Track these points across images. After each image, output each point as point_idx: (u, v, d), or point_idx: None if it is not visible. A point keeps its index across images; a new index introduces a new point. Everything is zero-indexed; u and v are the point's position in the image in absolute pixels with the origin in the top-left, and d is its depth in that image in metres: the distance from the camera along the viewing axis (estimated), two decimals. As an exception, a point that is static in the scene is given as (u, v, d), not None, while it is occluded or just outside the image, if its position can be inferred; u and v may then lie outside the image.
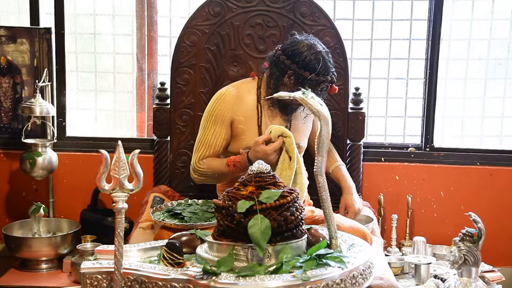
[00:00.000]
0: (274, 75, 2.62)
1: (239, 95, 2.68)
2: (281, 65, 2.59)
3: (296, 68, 2.56)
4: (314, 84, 2.55)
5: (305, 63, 2.55)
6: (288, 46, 2.61)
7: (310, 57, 2.55)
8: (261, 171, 1.93)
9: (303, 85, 2.53)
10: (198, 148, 2.70)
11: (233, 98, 2.67)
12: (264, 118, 2.69)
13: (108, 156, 1.70)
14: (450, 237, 2.79)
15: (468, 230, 2.49)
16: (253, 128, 2.67)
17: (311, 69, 2.54)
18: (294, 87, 2.55)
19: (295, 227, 1.86)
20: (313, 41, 2.61)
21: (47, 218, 3.31)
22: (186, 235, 2.05)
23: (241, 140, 2.68)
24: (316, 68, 2.53)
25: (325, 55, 2.58)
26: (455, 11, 3.45)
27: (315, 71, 2.54)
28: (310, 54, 2.55)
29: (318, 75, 2.55)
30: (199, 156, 2.68)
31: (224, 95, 2.69)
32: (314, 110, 1.91)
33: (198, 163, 2.68)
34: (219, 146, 2.67)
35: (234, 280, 1.69)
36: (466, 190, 3.39)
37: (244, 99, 2.68)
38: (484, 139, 3.54)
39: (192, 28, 3.11)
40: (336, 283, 1.74)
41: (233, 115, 2.66)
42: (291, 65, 2.56)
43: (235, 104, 2.66)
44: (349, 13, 3.44)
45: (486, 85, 3.51)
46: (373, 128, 3.53)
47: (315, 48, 2.57)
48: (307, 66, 2.55)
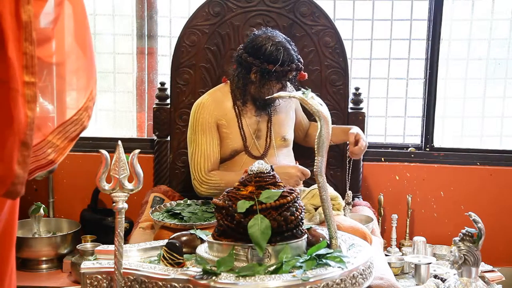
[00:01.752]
0: (241, 74, 2.64)
1: (215, 100, 2.71)
2: (245, 63, 2.61)
3: (259, 63, 2.56)
4: (281, 75, 2.56)
5: (267, 56, 2.55)
6: (248, 43, 2.63)
7: (270, 49, 2.54)
8: (261, 171, 1.93)
9: (270, 79, 2.56)
10: (197, 161, 2.67)
11: (211, 104, 2.69)
12: (243, 119, 2.71)
13: (108, 156, 1.70)
14: (450, 237, 2.79)
15: (468, 230, 2.49)
16: (235, 131, 2.70)
17: (274, 61, 2.54)
18: (261, 82, 2.57)
19: (295, 227, 1.86)
20: (271, 33, 2.61)
21: (47, 218, 3.30)
22: (186, 235, 2.05)
23: (226, 144, 2.70)
24: (278, 59, 2.53)
25: (285, 44, 2.57)
26: (455, 11, 3.45)
27: (279, 62, 2.53)
28: (270, 46, 2.55)
29: (282, 65, 2.54)
30: (205, 169, 2.66)
31: (202, 104, 2.71)
32: (314, 110, 1.91)
33: (208, 176, 2.65)
34: (217, 153, 2.68)
35: (234, 280, 1.69)
36: (466, 190, 3.39)
37: (221, 104, 2.71)
38: (484, 139, 3.54)
39: (192, 28, 3.11)
40: (336, 283, 1.74)
41: (216, 120, 2.68)
42: (254, 61, 2.57)
43: (214, 109, 2.69)
44: (349, 13, 3.44)
45: (486, 85, 3.51)
46: (373, 128, 3.52)
47: (274, 39, 2.57)
48: (269, 59, 2.55)
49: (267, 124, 2.76)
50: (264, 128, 2.75)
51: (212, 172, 2.66)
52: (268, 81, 2.58)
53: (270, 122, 2.75)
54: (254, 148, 2.73)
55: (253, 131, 2.73)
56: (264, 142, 2.75)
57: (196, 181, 2.69)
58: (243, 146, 2.71)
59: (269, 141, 2.75)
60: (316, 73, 3.11)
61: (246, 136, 2.71)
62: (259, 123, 2.73)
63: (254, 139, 2.73)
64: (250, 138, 2.72)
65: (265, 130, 2.76)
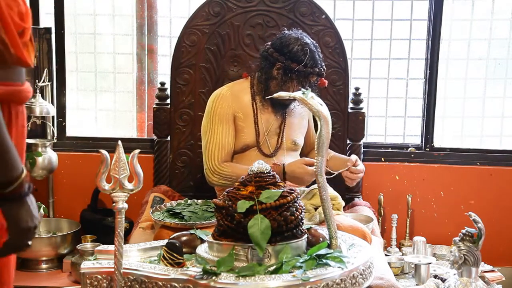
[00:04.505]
0: (264, 69, 2.67)
1: (234, 93, 2.73)
2: (270, 58, 2.64)
3: (284, 60, 2.60)
4: (302, 76, 2.58)
5: (292, 54, 2.58)
6: (277, 40, 2.67)
7: (297, 48, 2.58)
8: (261, 171, 1.93)
9: (292, 78, 2.59)
10: (212, 151, 2.67)
11: (229, 96, 2.72)
12: (260, 115, 2.72)
13: (108, 156, 1.70)
14: (450, 237, 2.79)
15: (468, 230, 2.49)
16: (250, 126, 2.71)
17: (298, 60, 2.57)
18: (282, 79, 2.61)
19: (295, 227, 1.86)
20: (301, 35, 2.65)
21: (47, 218, 3.31)
22: (186, 235, 2.05)
23: (240, 138, 2.70)
24: (303, 60, 2.56)
25: (312, 47, 2.61)
26: (455, 11, 3.45)
27: (303, 63, 2.56)
28: (297, 45, 2.59)
29: (305, 67, 2.58)
30: (218, 159, 2.66)
31: (220, 95, 2.73)
32: (314, 110, 1.91)
33: (221, 166, 2.65)
34: (231, 144, 2.69)
35: (234, 280, 1.69)
36: (466, 190, 3.39)
37: (239, 98, 2.73)
38: (484, 139, 3.54)
39: (192, 28, 3.11)
40: (336, 283, 1.74)
41: (234, 112, 2.70)
42: (279, 57, 2.61)
43: (232, 101, 2.71)
44: (349, 13, 3.44)
45: (486, 85, 3.51)
46: (373, 128, 3.52)
47: (302, 40, 2.61)
48: (294, 57, 2.58)
49: (280, 125, 2.77)
50: (277, 129, 2.77)
51: (225, 163, 2.66)
52: (290, 80, 2.60)
53: (284, 124, 2.77)
54: (265, 146, 2.74)
55: (266, 129, 2.74)
56: (275, 142, 2.77)
57: (208, 171, 2.69)
58: (256, 142, 2.72)
59: (280, 142, 2.77)
60: (316, 73, 3.10)
61: (259, 132, 2.73)
62: (273, 122, 2.75)
63: (266, 137, 2.74)
64: (263, 135, 2.73)
65: (278, 131, 2.77)
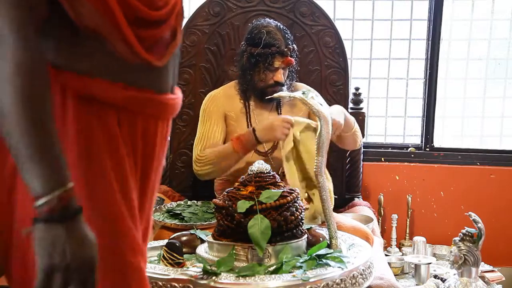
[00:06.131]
0: (239, 63, 2.70)
1: (226, 94, 2.76)
2: (241, 51, 2.68)
3: (246, 47, 2.63)
4: (264, 58, 2.58)
5: (251, 40, 2.62)
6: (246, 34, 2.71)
7: (254, 32, 2.61)
8: (261, 171, 1.93)
9: (257, 63, 2.61)
10: (197, 142, 2.71)
11: (221, 97, 2.75)
12: (252, 114, 2.72)
13: (108, 156, 1.70)
14: (450, 237, 2.79)
15: (468, 230, 2.49)
16: (243, 125, 2.72)
17: (257, 44, 2.59)
18: (250, 67, 2.62)
19: (295, 227, 1.86)
20: (265, 21, 2.67)
21: (47, 218, 3.30)
22: (186, 235, 2.05)
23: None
24: (260, 42, 2.57)
25: (271, 29, 2.61)
26: (455, 11, 3.45)
27: (260, 45, 2.57)
28: (255, 30, 2.62)
29: (264, 48, 2.57)
30: (200, 148, 2.68)
31: (213, 95, 2.78)
32: (314, 110, 1.91)
33: (201, 153, 2.66)
34: (218, 138, 2.69)
35: (234, 280, 1.69)
36: (466, 190, 3.39)
37: (232, 98, 2.75)
38: (484, 139, 3.54)
39: (192, 28, 3.11)
40: (336, 283, 1.74)
41: (225, 111, 2.72)
42: (245, 47, 2.64)
43: (225, 102, 2.73)
44: (349, 13, 3.44)
45: (486, 85, 3.51)
46: (373, 128, 3.53)
47: (261, 25, 2.63)
48: (253, 42, 2.61)
49: None
50: None
51: (205, 150, 2.67)
52: (256, 66, 2.60)
53: None
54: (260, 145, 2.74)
55: None
56: None
57: (193, 162, 2.70)
58: None
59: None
60: (316, 73, 3.10)
61: None
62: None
63: None
64: None
65: None
